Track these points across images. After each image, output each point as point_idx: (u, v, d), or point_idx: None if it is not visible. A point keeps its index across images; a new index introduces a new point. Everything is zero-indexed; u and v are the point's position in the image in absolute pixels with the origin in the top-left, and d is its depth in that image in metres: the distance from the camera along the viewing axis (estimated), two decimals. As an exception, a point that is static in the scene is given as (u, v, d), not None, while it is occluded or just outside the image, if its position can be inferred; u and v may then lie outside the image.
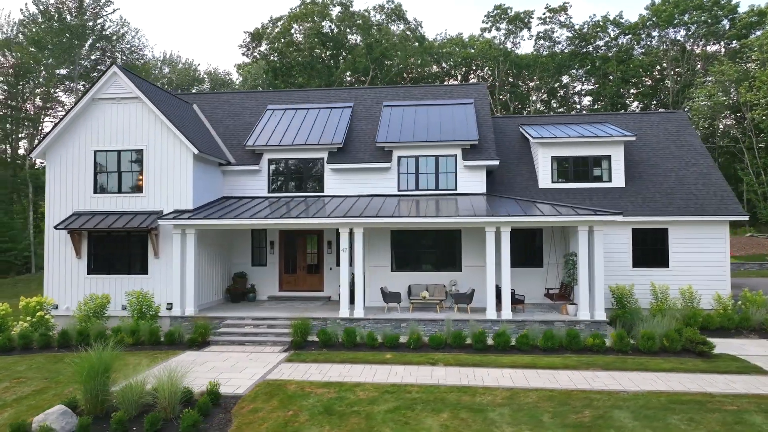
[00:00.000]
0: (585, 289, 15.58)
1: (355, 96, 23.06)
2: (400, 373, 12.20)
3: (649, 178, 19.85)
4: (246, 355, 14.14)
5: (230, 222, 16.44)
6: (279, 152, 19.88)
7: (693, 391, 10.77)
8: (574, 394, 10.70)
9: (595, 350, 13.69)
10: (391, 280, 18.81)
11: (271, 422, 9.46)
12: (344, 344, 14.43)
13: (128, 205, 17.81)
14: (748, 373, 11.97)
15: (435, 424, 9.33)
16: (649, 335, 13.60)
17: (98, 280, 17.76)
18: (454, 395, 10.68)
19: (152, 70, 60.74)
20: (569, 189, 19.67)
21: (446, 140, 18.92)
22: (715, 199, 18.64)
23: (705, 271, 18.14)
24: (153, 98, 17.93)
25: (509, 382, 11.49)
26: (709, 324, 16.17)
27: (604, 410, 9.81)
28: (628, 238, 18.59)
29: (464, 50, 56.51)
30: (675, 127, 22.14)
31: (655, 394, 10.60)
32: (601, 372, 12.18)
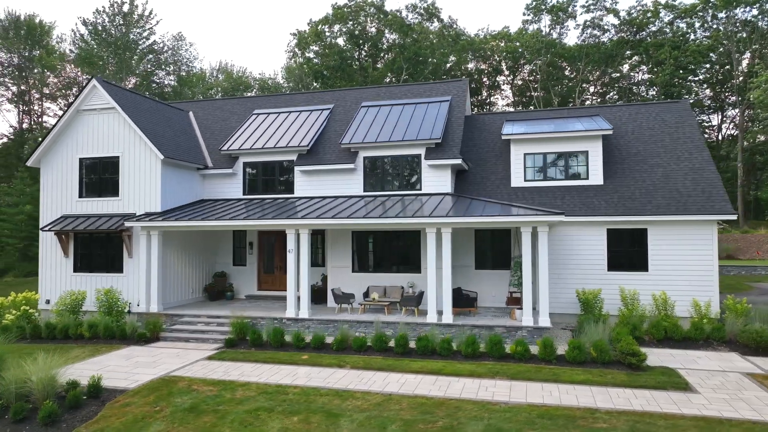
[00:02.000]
0: (528, 293, 14.77)
1: (337, 98, 23.21)
2: (301, 374, 12.25)
3: (633, 174, 18.41)
4: (179, 351, 14.76)
5: (192, 224, 17.15)
6: (252, 156, 20.46)
7: (579, 406, 9.98)
8: (447, 403, 10.26)
9: (518, 358, 12.98)
10: (352, 281, 18.80)
11: (130, 416, 9.89)
12: (271, 344, 14.66)
13: (107, 208, 19.08)
14: (665, 389, 10.89)
15: (277, 426, 9.34)
16: (576, 345, 12.69)
17: (82, 278, 19.19)
18: (326, 399, 10.59)
19: (208, 78, 64.32)
20: (542, 188, 18.68)
21: (409, 140, 18.61)
22: (702, 197, 16.96)
23: (689, 275, 16.57)
24: (128, 108, 19.09)
25: (395, 387, 11.20)
26: (674, 334, 14.78)
27: (460, 421, 9.34)
28: (602, 240, 17.36)
29: (510, 44, 54.82)
30: (674, 118, 20.34)
31: (534, 407, 9.93)
32: (504, 381, 11.56)
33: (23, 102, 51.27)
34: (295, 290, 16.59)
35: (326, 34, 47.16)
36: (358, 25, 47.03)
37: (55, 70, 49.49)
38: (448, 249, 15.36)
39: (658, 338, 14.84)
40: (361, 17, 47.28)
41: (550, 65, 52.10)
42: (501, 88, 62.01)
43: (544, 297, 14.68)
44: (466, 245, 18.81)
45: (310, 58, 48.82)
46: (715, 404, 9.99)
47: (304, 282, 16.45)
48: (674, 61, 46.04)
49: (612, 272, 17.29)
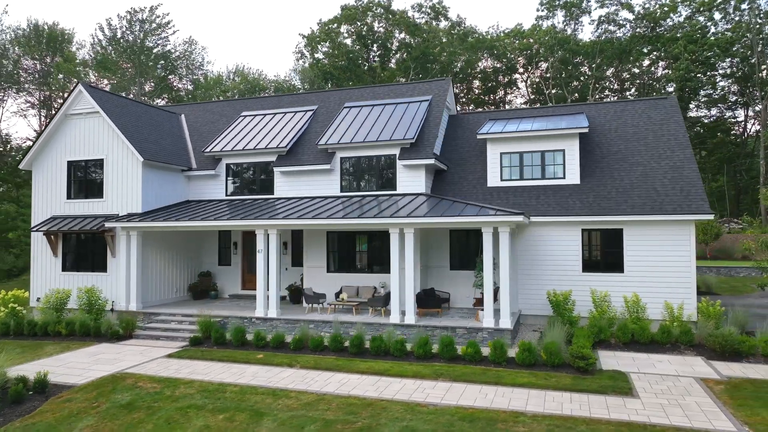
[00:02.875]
0: (489, 294, 14.59)
1: (322, 99, 23.35)
2: (248, 373, 12.42)
3: (611, 173, 17.98)
4: (146, 348, 15.12)
5: (166, 224, 17.53)
6: (234, 157, 20.78)
7: (507, 409, 9.84)
8: (377, 404, 10.25)
9: (468, 360, 12.86)
10: (327, 280, 18.91)
11: (66, 411, 10.21)
12: (233, 343, 14.88)
13: (93, 209, 19.66)
14: (605, 393, 10.63)
15: (199, 424, 9.50)
16: (526, 347, 12.49)
17: (70, 277, 19.82)
18: (260, 398, 10.72)
19: (225, 81, 65.45)
20: (517, 187, 18.41)
21: (383, 140, 18.61)
22: (680, 196, 16.45)
23: (665, 277, 16.09)
24: (112, 112, 19.64)
25: (333, 388, 11.25)
26: (641, 337, 14.38)
27: (379, 422, 9.33)
28: (577, 241, 17.02)
29: (523, 41, 54.10)
30: (660, 115, 19.76)
31: (461, 409, 9.84)
32: (445, 383, 11.48)
33: (46, 107, 53.19)
34: (264, 290, 16.79)
35: (335, 35, 47.42)
36: (365, 25, 47.14)
37: (76, 75, 51.17)
38: (411, 250, 15.30)
39: (624, 341, 14.46)
40: (368, 17, 47.37)
41: (563, 62, 51.19)
42: (517, 86, 61.27)
43: (505, 298, 14.47)
44: (441, 246, 18.70)
45: (319, 59, 49.17)
46: (649, 410, 9.71)
47: (273, 282, 16.63)
48: (689, 55, 44.66)
49: (587, 273, 16.93)
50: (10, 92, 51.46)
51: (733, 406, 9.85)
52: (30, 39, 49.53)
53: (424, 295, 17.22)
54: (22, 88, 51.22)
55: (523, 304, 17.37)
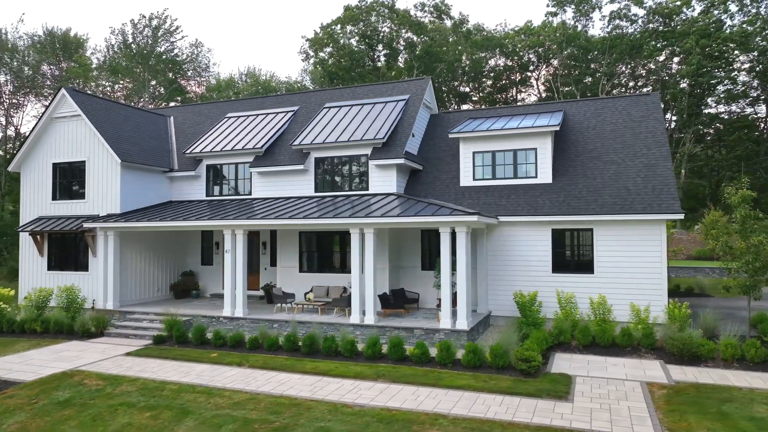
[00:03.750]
0: (447, 295, 14.43)
1: (304, 99, 23.46)
2: (195, 372, 12.56)
3: (584, 171, 17.60)
4: (110, 346, 15.42)
5: (139, 225, 17.86)
6: (213, 158, 21.04)
7: (430, 411, 9.73)
8: (305, 404, 10.26)
9: (415, 361, 12.76)
10: (299, 280, 19.00)
11: (2, 407, 10.48)
12: (193, 342, 15.07)
13: (76, 210, 20.15)
14: (539, 397, 10.41)
15: (123, 421, 9.65)
16: (472, 349, 12.32)
17: (55, 275, 20.36)
18: (194, 396, 10.83)
19: (237, 83, 66.32)
20: (489, 186, 18.18)
21: (355, 140, 18.59)
22: (651, 195, 16.00)
23: (636, 278, 15.67)
24: (93, 115, 20.10)
25: (269, 387, 11.30)
26: (602, 340, 14.04)
27: (298, 422, 9.33)
28: (547, 240, 16.71)
29: (532, 38, 53.33)
30: (641, 112, 19.25)
31: (385, 411, 9.77)
32: (383, 384, 11.41)
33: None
34: (232, 289, 16.95)
35: (337, 36, 47.54)
36: (369, 25, 47.13)
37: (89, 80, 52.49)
38: (371, 250, 15.25)
39: (585, 344, 14.14)
40: (372, 17, 47.34)
41: (572, 59, 50.27)
42: (530, 84, 60.47)
43: (462, 300, 14.31)
44: (413, 246, 18.60)
45: (324, 59, 49.37)
46: (576, 414, 9.48)
47: (240, 282, 16.78)
48: (702, 50, 43.35)
49: (557, 274, 16.61)
50: (30, 97, 53.16)
51: (664, 412, 9.55)
52: (45, 45, 51.02)
53: (390, 295, 17.17)
54: (39, 93, 52.80)
55: (493, 305, 17.14)
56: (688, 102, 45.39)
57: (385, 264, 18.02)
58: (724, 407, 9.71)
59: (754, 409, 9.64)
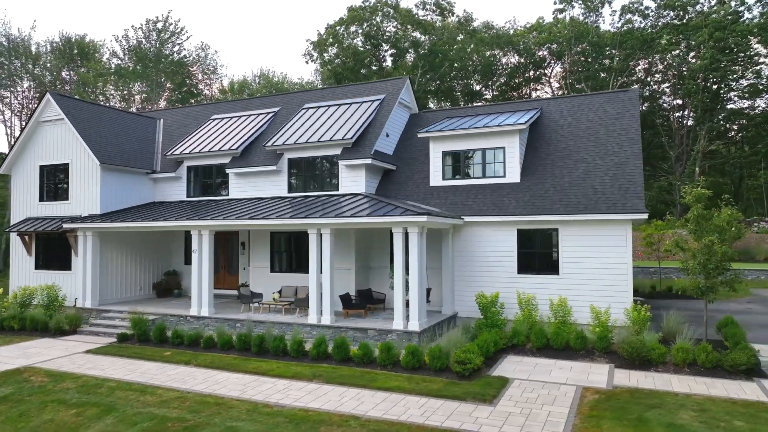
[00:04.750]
0: (400, 296, 14.33)
1: (285, 100, 23.61)
2: (141, 370, 12.80)
3: (553, 170, 17.24)
4: (77, 344, 15.84)
5: (115, 225, 18.27)
6: (193, 159, 21.37)
7: (347, 412, 9.70)
8: (228, 403, 10.38)
9: (357, 362, 12.74)
10: (270, 280, 19.14)
11: (-57, 402, 10.89)
12: (153, 340, 15.35)
13: (60, 211, 20.75)
14: (464, 400, 10.26)
15: (46, 418, 9.89)
16: (412, 350, 12.22)
17: (42, 274, 21.00)
18: (127, 394, 11.05)
19: (251, 84, 67.17)
20: (457, 186, 17.98)
21: (325, 141, 18.63)
22: (617, 195, 15.57)
23: (601, 279, 15.27)
24: (77, 119, 20.67)
25: (203, 386, 11.45)
26: (555, 343, 13.74)
27: (211, 422, 9.41)
28: (513, 241, 16.44)
29: (542, 35, 52.53)
30: (617, 110, 18.74)
31: (302, 411, 9.79)
32: (316, 384, 11.43)
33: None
34: (198, 289, 17.18)
35: (341, 37, 47.68)
36: (374, 26, 47.13)
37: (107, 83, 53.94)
38: (328, 251, 15.25)
39: (539, 346, 13.86)
40: (378, 16, 47.32)
41: (583, 56, 49.28)
42: (542, 82, 59.58)
43: (414, 300, 14.19)
44: (383, 247, 18.54)
45: (330, 59, 49.59)
46: (492, 418, 9.32)
47: (205, 281, 17.01)
48: (715, 43, 41.91)
49: (522, 275, 16.32)
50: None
51: (583, 418, 9.29)
52: (65, 50, 52.65)
53: (354, 295, 17.18)
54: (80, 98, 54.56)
55: (460, 306, 16.95)
56: (702, 97, 43.92)
57: (351, 264, 18.01)
58: (648, 413, 9.40)
59: (679, 415, 9.30)
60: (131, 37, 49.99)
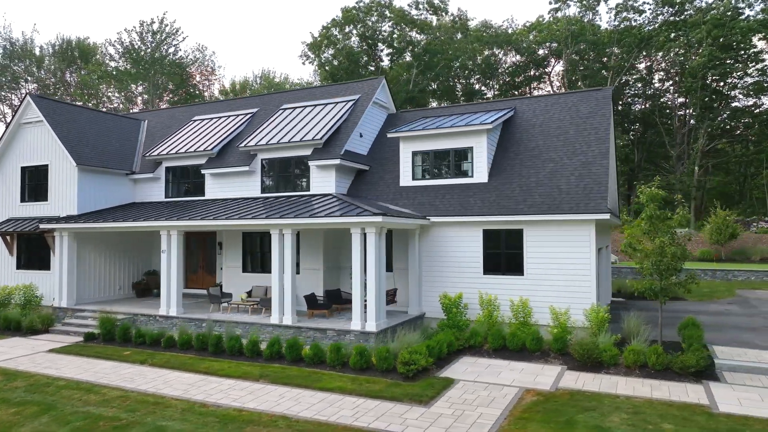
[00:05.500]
0: (357, 296, 14.32)
1: (265, 101, 23.71)
2: (95, 370, 12.94)
3: (521, 170, 17.11)
4: (45, 343, 16.06)
5: (87, 225, 18.47)
6: (171, 160, 21.54)
7: (278, 412, 9.73)
8: (164, 402, 10.44)
9: (308, 362, 12.79)
10: (242, 280, 19.24)
11: None
12: (117, 340, 15.50)
13: (40, 212, 21.04)
14: (400, 401, 10.24)
15: (-14, 415, 10.05)
16: (360, 350, 12.21)
17: (22, 274, 21.30)
18: (73, 393, 11.18)
19: (252, 85, 67.57)
20: (426, 186, 17.92)
21: (295, 141, 18.68)
22: (580, 195, 15.41)
23: (564, 280, 15.12)
24: (56, 120, 20.93)
25: (149, 386, 11.56)
26: (511, 344, 13.65)
27: (142, 421, 9.49)
28: (479, 241, 16.35)
29: (542, 34, 52.21)
30: (589, 109, 18.55)
31: (234, 411, 9.84)
32: (261, 384, 11.49)
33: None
34: (167, 288, 17.31)
35: (335, 39, 47.77)
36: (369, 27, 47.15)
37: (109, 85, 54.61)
38: (289, 251, 15.29)
39: (496, 347, 13.79)
40: (373, 17, 47.33)
41: (579, 54, 48.89)
42: (543, 80, 59.23)
43: (371, 300, 14.17)
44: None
45: (328, 60, 49.73)
46: (420, 420, 9.29)
47: (174, 281, 17.13)
48: (713, 41, 41.31)
49: (488, 275, 16.22)
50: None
51: (513, 420, 9.22)
52: (68, 52, 53.38)
53: (322, 296, 17.21)
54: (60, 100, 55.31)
55: (427, 306, 16.89)
56: (701, 96, 43.32)
57: (319, 265, 18.05)
58: (579, 416, 9.31)
59: (610, 418, 9.19)
60: (125, 40, 50.53)
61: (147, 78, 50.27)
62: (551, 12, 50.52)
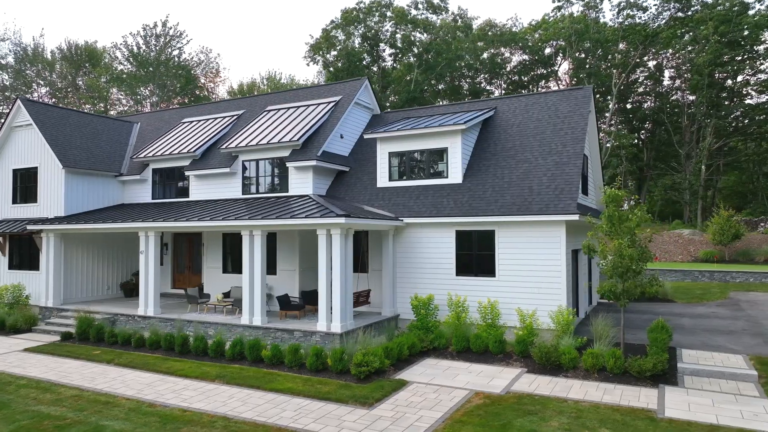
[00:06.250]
0: (324, 297, 14.34)
1: (250, 103, 23.88)
2: (62, 368, 13.17)
3: (495, 171, 16.97)
4: (21, 342, 16.39)
5: (70, 227, 18.81)
6: (157, 162, 21.82)
7: (219, 413, 9.79)
8: (115, 402, 10.60)
9: (268, 363, 12.84)
10: (222, 281, 19.41)
11: None
12: (91, 339, 15.75)
13: (31, 213, 21.49)
14: (345, 403, 10.23)
15: (-60, 413, 10.30)
16: (317, 352, 12.23)
17: (14, 274, 21.77)
18: (29, 391, 11.41)
19: (259, 85, 68.03)
20: (402, 187, 17.87)
21: (274, 143, 18.78)
22: (552, 195, 15.22)
23: (535, 281, 14.97)
24: (45, 124, 21.36)
25: (104, 385, 11.73)
26: (475, 346, 13.55)
27: (87, 419, 9.64)
28: (451, 242, 16.27)
29: (547, 32, 51.70)
30: (568, 108, 18.31)
31: (174, 410, 9.95)
32: (215, 385, 11.60)
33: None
34: (145, 289, 17.54)
35: (336, 41, 47.86)
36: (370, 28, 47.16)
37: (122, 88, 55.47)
38: (259, 251, 15.37)
39: (459, 350, 13.70)
40: (375, 17, 47.32)
41: (584, 52, 48.27)
42: (550, 79, 58.64)
43: (337, 302, 14.18)
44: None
45: (333, 61, 49.89)
46: (357, 422, 9.29)
47: (152, 281, 17.35)
48: (720, 37, 40.45)
49: (461, 277, 16.13)
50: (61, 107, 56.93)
51: (450, 423, 9.16)
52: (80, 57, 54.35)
53: (297, 297, 17.27)
54: (66, 102, 56.33)
55: (401, 307, 16.86)
56: (706, 93, 42.44)
57: (295, 266, 18.13)
58: (518, 420, 9.21)
59: (549, 423, 9.08)
60: (130, 44, 51.30)
61: (153, 80, 51.00)
62: (554, 10, 49.97)
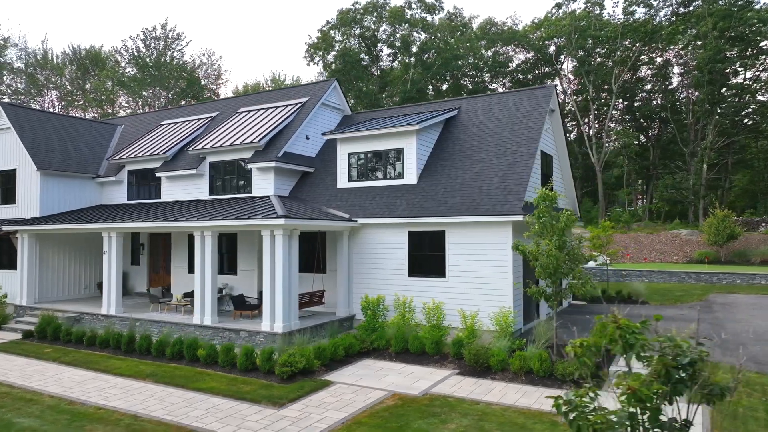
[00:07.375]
0: (268, 298, 14.46)
1: (225, 105, 24.14)
2: (6, 366, 13.51)
3: (450, 171, 16.89)
4: (-13, 340, 16.87)
5: (41, 227, 19.28)
6: (132, 164, 22.22)
7: (130, 411, 9.96)
8: (36, 399, 10.87)
9: (203, 363, 12.99)
10: (189, 281, 19.68)
11: None
12: (48, 337, 16.13)
13: (9, 214, 22.06)
14: (259, 403, 10.32)
15: None
16: (247, 352, 12.36)
17: (-5, 274, 22.42)
18: (-35, 388, 11.74)
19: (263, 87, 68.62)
20: (361, 188, 17.90)
21: (236, 145, 18.98)
22: (500, 196, 15.10)
23: (483, 282, 14.88)
24: (22, 127, 21.92)
25: (38, 384, 12.01)
26: (412, 347, 13.53)
27: (2, 417, 9.90)
28: (404, 243, 16.26)
29: (548, 30, 51.14)
30: (528, 107, 18.12)
31: (95, 408, 10.15)
32: (144, 383, 11.79)
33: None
34: (108, 288, 17.89)
35: (333, 40, 48.03)
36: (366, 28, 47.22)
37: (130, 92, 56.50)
38: (209, 252, 15.56)
39: (398, 351, 13.69)
40: (372, 17, 47.37)
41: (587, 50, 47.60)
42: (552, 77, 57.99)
43: (279, 301, 14.29)
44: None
45: (332, 61, 50.09)
46: (261, 422, 9.36)
47: (113, 281, 17.68)
48: (720, 33, 39.52)
49: (413, 278, 16.11)
50: (70, 110, 58.23)
51: (349, 425, 9.19)
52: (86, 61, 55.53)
53: (255, 297, 17.42)
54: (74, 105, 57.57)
55: (356, 308, 16.89)
56: (707, 90, 41.51)
57: (254, 266, 18.29)
58: (417, 422, 9.19)
59: (446, 426, 9.06)
60: (131, 47, 52.20)
61: (155, 83, 51.85)
62: (554, 8, 49.40)
